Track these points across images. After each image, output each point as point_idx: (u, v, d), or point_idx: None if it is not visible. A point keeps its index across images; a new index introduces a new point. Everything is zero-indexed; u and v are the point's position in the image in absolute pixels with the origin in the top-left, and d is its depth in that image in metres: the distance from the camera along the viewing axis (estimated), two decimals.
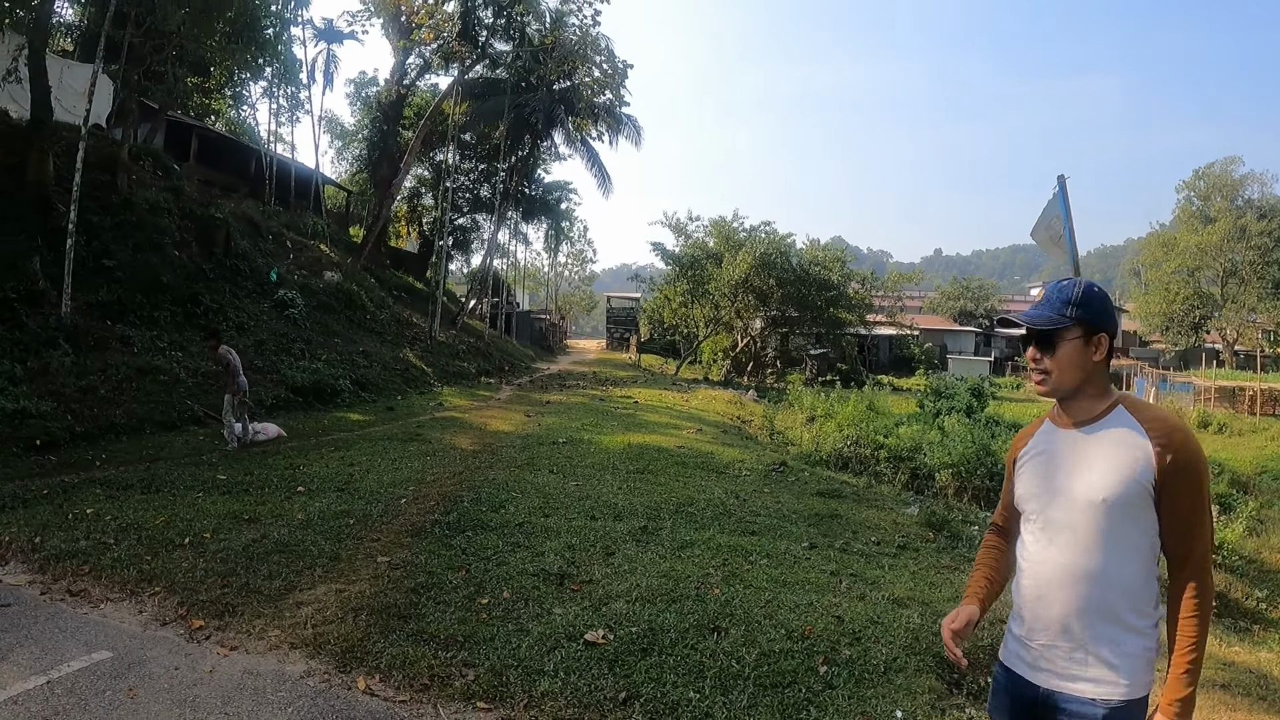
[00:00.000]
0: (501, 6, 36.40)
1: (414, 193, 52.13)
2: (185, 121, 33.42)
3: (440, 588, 6.56)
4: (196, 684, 4.94)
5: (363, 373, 21.89)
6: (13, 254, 15.94)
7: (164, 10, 19.75)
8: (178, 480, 10.47)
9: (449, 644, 5.43)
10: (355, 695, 4.81)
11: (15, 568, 6.95)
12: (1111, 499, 2.32)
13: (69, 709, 4.61)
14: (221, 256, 22.98)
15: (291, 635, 5.60)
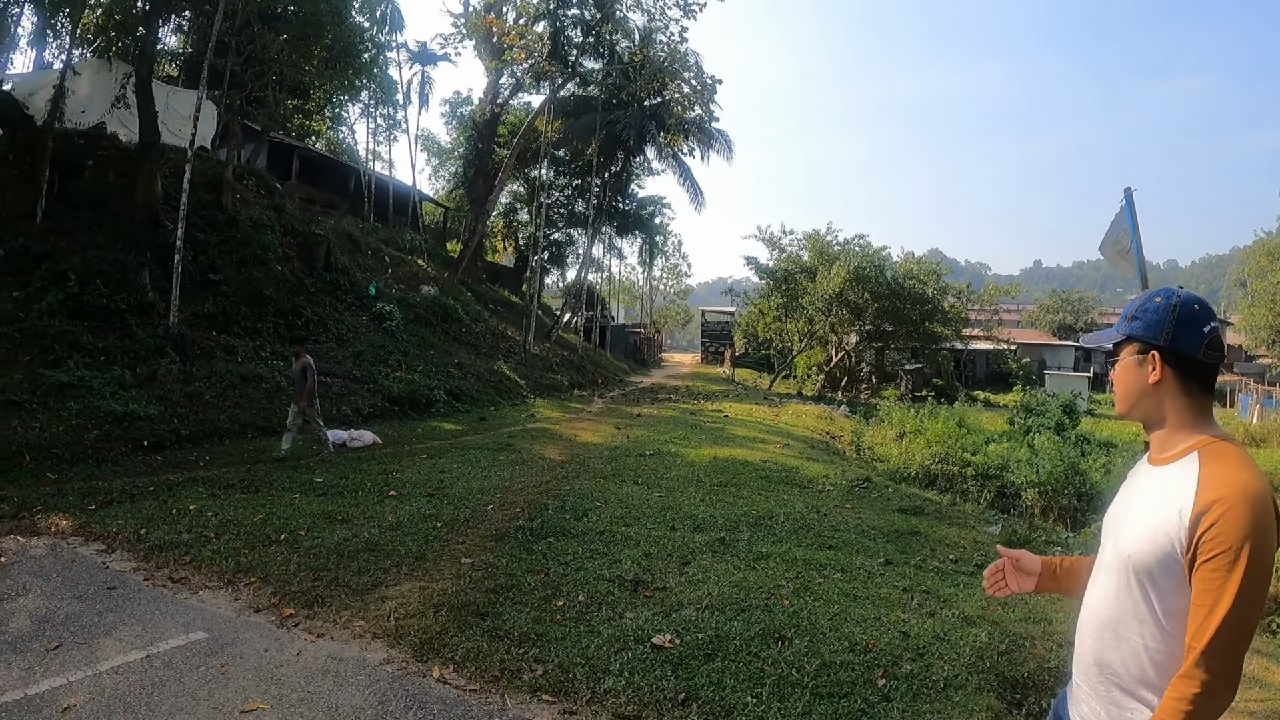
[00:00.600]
0: (590, 26, 36.92)
1: (510, 208, 53.17)
2: (287, 142, 34.85)
3: (518, 589, 6.83)
4: (283, 665, 5.35)
5: (457, 384, 22.40)
6: (124, 268, 17.02)
7: (262, 39, 20.90)
8: (276, 481, 11.07)
9: (522, 641, 5.70)
10: (429, 683, 5.13)
11: (121, 556, 7.55)
12: (1134, 556, 2.05)
13: (164, 680, 5.07)
14: (322, 271, 23.94)
15: (374, 626, 5.98)
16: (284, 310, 20.44)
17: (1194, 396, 2.12)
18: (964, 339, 49.48)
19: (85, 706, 4.71)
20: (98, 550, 7.71)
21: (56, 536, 8.13)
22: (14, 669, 5.12)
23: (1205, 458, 2.03)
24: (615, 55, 38.78)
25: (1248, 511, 1.88)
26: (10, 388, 12.95)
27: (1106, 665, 2.13)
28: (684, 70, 37.70)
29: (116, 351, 15.24)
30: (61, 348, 14.55)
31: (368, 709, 4.80)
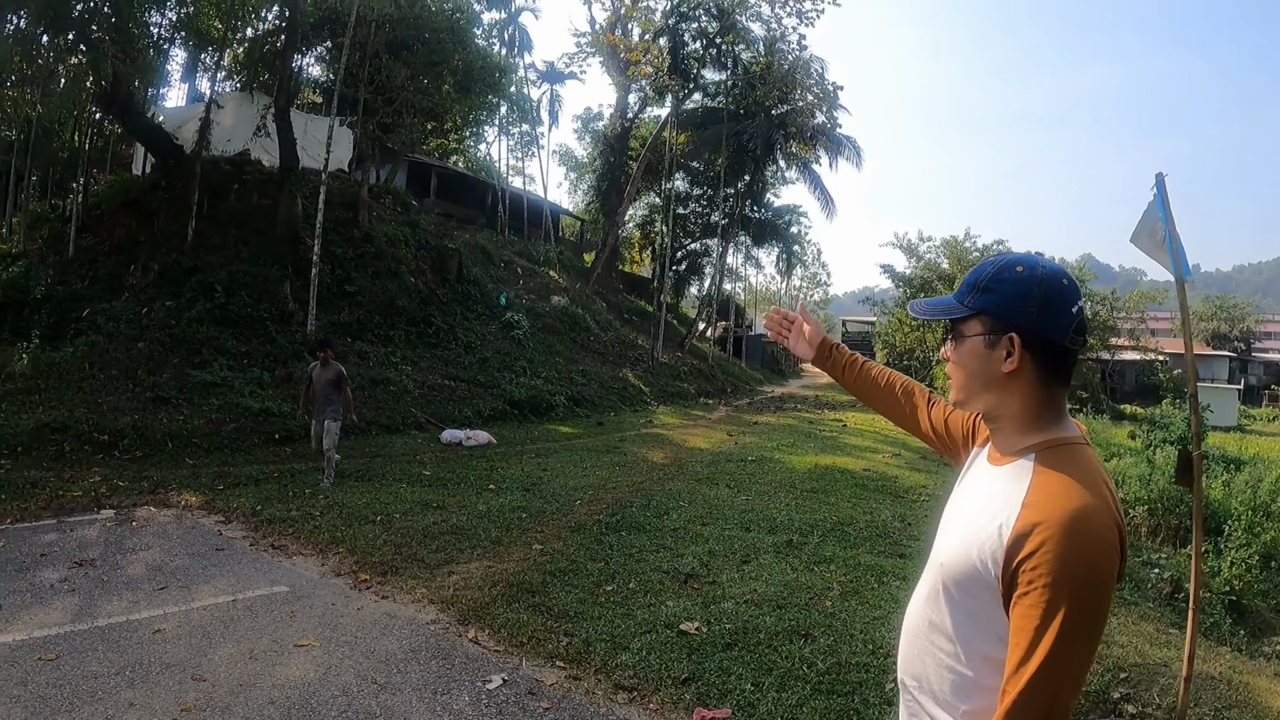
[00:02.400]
0: (710, 38, 37.39)
1: (646, 220, 54.01)
2: (425, 161, 36.63)
3: (575, 573, 7.47)
4: (343, 616, 6.37)
5: (579, 390, 23.15)
6: (267, 280, 18.87)
7: (390, 69, 22.34)
8: (388, 473, 12.25)
9: (560, 617, 6.34)
10: (461, 641, 5.91)
11: (236, 526, 9.03)
12: (946, 566, 1.77)
13: (240, 617, 6.28)
14: (454, 282, 25.28)
15: (433, 594, 6.86)
16: (415, 319, 21.81)
17: (1050, 389, 1.76)
18: (1111, 349, 47.49)
19: (172, 631, 5.95)
20: (216, 521, 9.17)
21: (184, 509, 9.63)
22: (123, 601, 6.56)
23: (1041, 463, 1.70)
24: (738, 65, 39.11)
25: (1075, 542, 1.54)
26: (160, 385, 14.77)
27: (919, 674, 1.86)
28: (806, 78, 37.60)
29: (258, 355, 16.95)
30: (208, 351, 16.38)
31: (399, 653, 5.65)
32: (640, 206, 52.43)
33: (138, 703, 4.80)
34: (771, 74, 36.63)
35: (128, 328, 16.66)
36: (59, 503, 9.67)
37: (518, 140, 46.31)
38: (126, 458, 12.18)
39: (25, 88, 21.32)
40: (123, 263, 19.65)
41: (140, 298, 18.04)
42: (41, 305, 17.74)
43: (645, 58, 36.92)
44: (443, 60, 24.24)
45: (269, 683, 5.12)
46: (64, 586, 6.86)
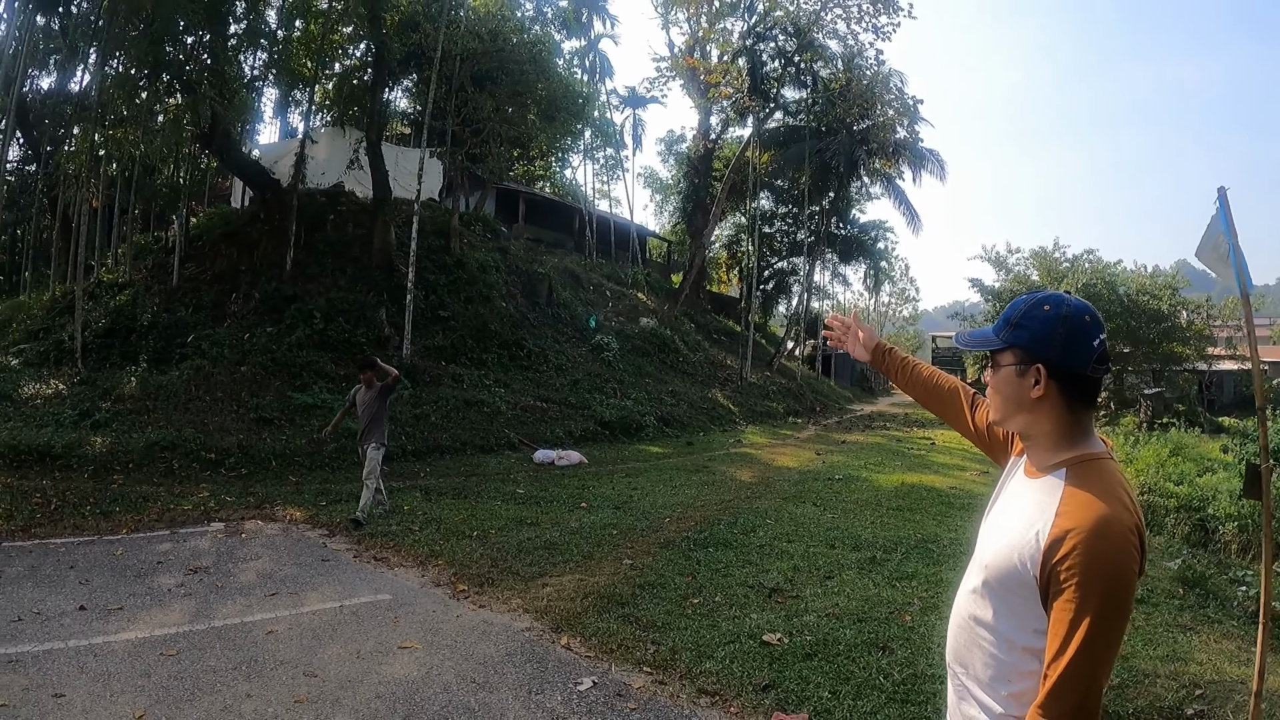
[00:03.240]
0: (789, 57, 37.41)
1: (733, 240, 54.12)
2: (513, 188, 37.54)
3: (663, 587, 7.69)
4: (443, 622, 6.76)
5: (669, 410, 23.37)
6: (363, 306, 19.74)
7: (476, 102, 23.05)
8: (483, 491, 12.73)
9: (648, 627, 6.57)
10: (554, 647, 6.19)
11: (340, 540, 9.64)
12: (991, 567, 1.99)
13: (347, 621, 6.76)
14: (544, 306, 25.90)
15: (528, 604, 7.18)
16: (507, 342, 22.43)
17: (1076, 412, 1.99)
18: (1207, 359, 45.66)
19: (284, 631, 6.44)
20: (321, 535, 9.79)
21: (289, 523, 10.26)
22: (237, 604, 7.13)
23: (1072, 477, 1.93)
24: (818, 83, 39.05)
25: (1102, 544, 1.78)
26: (263, 407, 15.64)
27: (964, 661, 2.10)
28: (885, 92, 37.28)
29: (355, 378, 17.36)
30: (308, 375, 17.27)
31: (495, 656, 5.98)
32: (726, 226, 52.63)
33: (254, 694, 5.20)
34: (851, 90, 36.42)
35: (231, 352, 17.64)
36: (171, 515, 10.46)
37: (603, 164, 46.90)
38: (232, 475, 12.96)
39: (128, 127, 22.59)
40: (225, 291, 20.74)
41: (242, 324, 19.06)
42: (149, 331, 18.86)
43: (725, 79, 37.23)
44: (527, 90, 24.97)
45: (375, 679, 5.48)
46: (180, 591, 7.47)
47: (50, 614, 6.68)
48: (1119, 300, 41.00)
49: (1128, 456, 21.82)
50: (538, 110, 26.39)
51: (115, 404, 15.24)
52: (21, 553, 8.61)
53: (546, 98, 25.94)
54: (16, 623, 6.46)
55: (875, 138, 37.69)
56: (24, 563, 8.19)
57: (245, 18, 22.34)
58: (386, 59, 22.86)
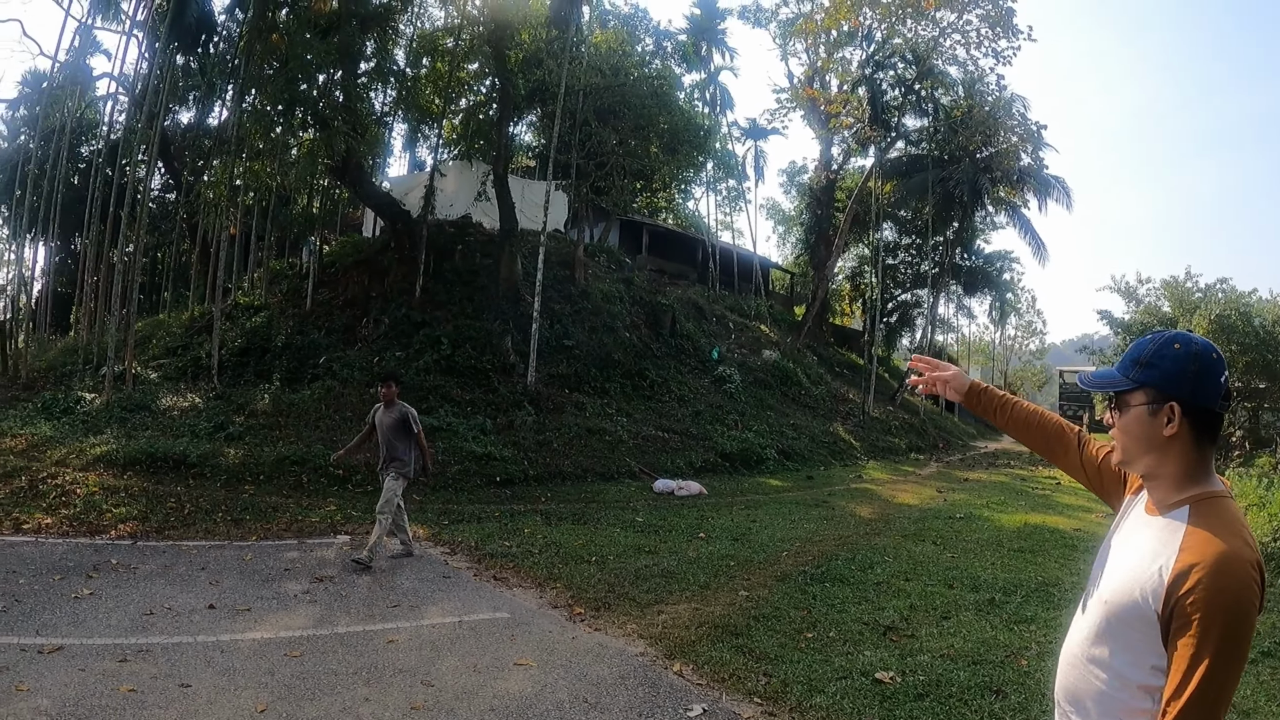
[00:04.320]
0: (908, 85, 37.01)
1: (856, 271, 53.49)
2: (636, 220, 38.01)
3: (778, 619, 7.60)
4: (559, 642, 6.85)
5: (790, 443, 23.11)
6: (489, 334, 20.25)
7: (600, 136, 23.45)
8: (602, 518, 12.85)
9: (761, 658, 6.50)
10: (667, 673, 6.20)
11: (461, 558, 9.96)
12: (1111, 603, 1.98)
13: (465, 636, 6.97)
14: (668, 337, 26.04)
15: (643, 630, 7.21)
16: (630, 373, 22.65)
17: (1202, 449, 2.00)
18: None
19: (404, 642, 6.68)
20: (442, 552, 10.14)
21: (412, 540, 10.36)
22: (360, 613, 7.47)
23: (1195, 514, 1.94)
24: (939, 110, 38.48)
25: (1224, 579, 1.79)
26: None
27: (1075, 699, 2.08)
28: (1008, 118, 36.43)
29: (481, 403, 18.12)
30: (434, 398, 17.70)
31: (609, 678, 6.02)
32: (849, 258, 52.09)
33: (372, 699, 5.39)
34: (973, 117, 35.73)
35: (360, 374, 18.32)
36: (298, 526, 11.07)
37: (725, 196, 47.03)
38: (358, 491, 13.42)
39: (264, 160, 23.76)
40: (356, 315, 21.57)
41: (372, 348, 19.79)
42: (282, 352, 19.75)
43: (845, 109, 37.07)
44: (649, 123, 25.37)
45: (490, 693, 5.60)
46: (306, 597, 7.87)
47: (181, 610, 7.17)
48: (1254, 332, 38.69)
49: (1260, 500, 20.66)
50: (660, 143, 26.77)
51: (248, 419, 16.08)
52: (155, 552, 9.28)
53: (669, 130, 26.31)
54: (148, 615, 6.94)
55: (999, 165, 36.84)
56: (157, 561, 8.82)
57: (375, 57, 23.46)
58: (511, 95, 23.53)
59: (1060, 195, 39.11)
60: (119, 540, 9.82)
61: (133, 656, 5.96)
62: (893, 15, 33.50)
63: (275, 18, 21.30)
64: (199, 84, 27.09)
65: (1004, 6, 31.46)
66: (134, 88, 26.29)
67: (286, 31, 20.54)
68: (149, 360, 21.48)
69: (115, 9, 25.39)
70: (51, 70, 26.71)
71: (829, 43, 40.65)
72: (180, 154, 31.96)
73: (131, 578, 8.16)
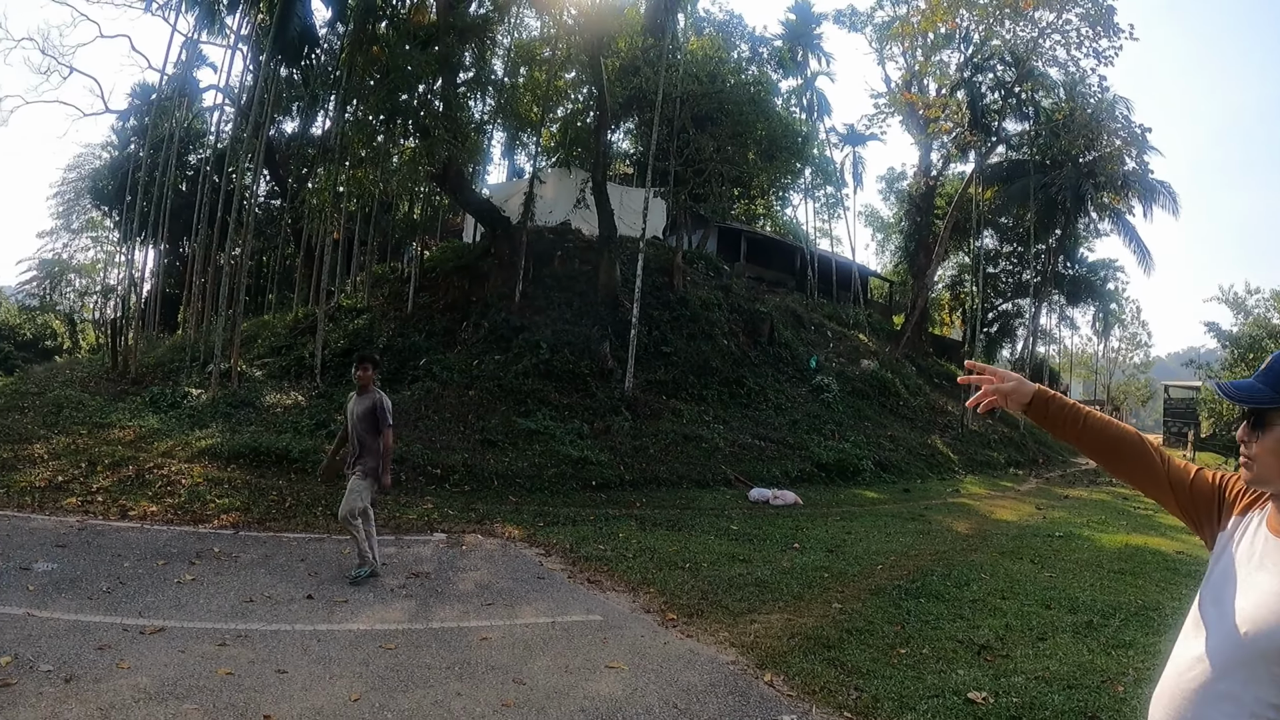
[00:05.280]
0: (1008, 88, 36.00)
1: (955, 280, 52.47)
2: (734, 227, 37.91)
3: (871, 634, 7.48)
4: (650, 647, 6.89)
5: (887, 455, 22.72)
6: (588, 340, 20.45)
7: (697, 142, 23.48)
8: (696, 525, 12.80)
9: (852, 672, 6.40)
10: (758, 683, 6.16)
11: (554, 560, 10.08)
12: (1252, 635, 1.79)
13: (558, 636, 7.04)
14: (766, 345, 25.90)
15: (734, 638, 7.17)
16: (728, 380, 22.61)
17: None
18: None
19: (497, 640, 6.80)
20: (537, 553, 10.27)
21: (508, 540, 10.84)
22: (454, 610, 7.68)
23: None
24: (1040, 114, 37.26)
25: None
26: (489, 430, 16.44)
27: None
28: (1110, 121, 34.88)
29: (578, 408, 18.33)
30: (532, 402, 17.97)
31: (699, 685, 6.01)
32: (949, 266, 51.17)
33: (464, 694, 5.49)
34: (1074, 120, 34.26)
35: (460, 377, 18.68)
36: (396, 522, 11.35)
37: (823, 203, 46.59)
38: (456, 490, 13.73)
39: (366, 167, 24.41)
40: (456, 319, 22.02)
41: (472, 351, 20.15)
42: (383, 353, 20.25)
43: (944, 113, 36.23)
44: (746, 130, 25.32)
45: (580, 694, 5.65)
46: (402, 592, 8.07)
47: (280, 599, 7.47)
48: None
49: None
50: (758, 150, 26.71)
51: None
52: (256, 542, 9.67)
53: (766, 137, 26.21)
54: (248, 603, 7.23)
55: (1102, 170, 35.30)
56: (258, 551, 9.19)
57: (474, 67, 23.97)
58: (609, 103, 23.70)
59: (1166, 201, 37.37)
60: (221, 530, 10.25)
61: (232, 641, 6.21)
62: (990, 16, 32.61)
63: (375, 30, 22.01)
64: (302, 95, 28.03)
65: (1104, 4, 30.23)
66: (239, 99, 27.50)
67: (386, 43, 21.22)
68: (254, 359, 22.24)
69: (220, 24, 26.51)
70: (160, 83, 27.91)
71: (926, 46, 40.00)
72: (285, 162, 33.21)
73: (232, 566, 8.50)
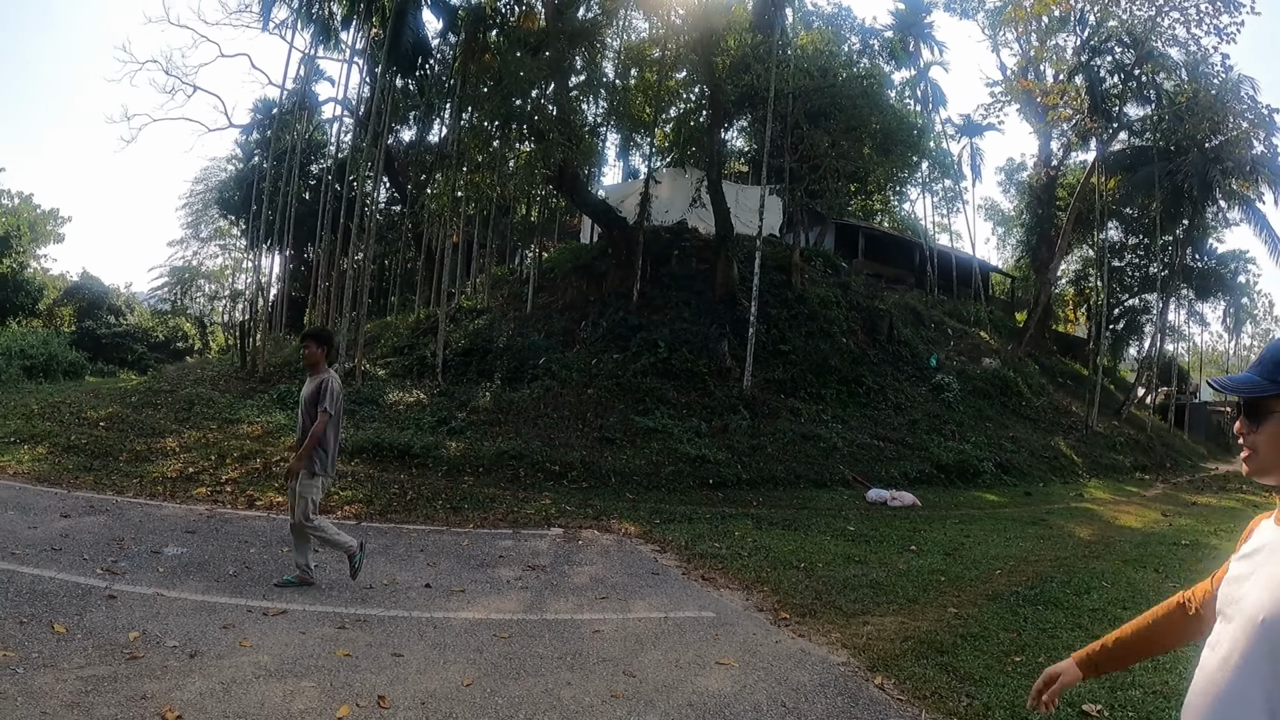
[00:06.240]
0: (1127, 70, 34.47)
1: (1079, 275, 50.57)
2: (852, 224, 37.51)
3: (986, 639, 7.32)
4: (761, 645, 6.88)
5: (1008, 457, 22.15)
6: (706, 339, 20.60)
7: (811, 138, 23.27)
8: (813, 525, 12.78)
9: (965, 679, 6.27)
10: (868, 686, 6.08)
11: (669, 556, 10.22)
12: (1268, 622, 1.79)
13: (669, 631, 7.10)
14: (885, 343, 25.58)
15: (846, 639, 7.11)
16: (846, 379, 22.42)
17: None
18: None
19: (610, 633, 6.90)
20: (652, 550, 10.43)
21: (623, 536, 11.03)
22: (569, 603, 7.88)
23: None
24: (1162, 97, 35.35)
25: None
26: (607, 428, 16.77)
27: None
28: (1236, 102, 33.01)
29: (695, 406, 18.51)
30: (650, 400, 18.27)
31: (808, 685, 5.97)
32: (1073, 260, 49.20)
33: (574, 684, 5.60)
34: (1198, 102, 32.51)
35: (578, 375, 19.06)
36: (514, 517, 11.70)
37: (941, 197, 45.61)
38: (573, 487, 14.04)
39: (483, 172, 24.95)
40: (574, 319, 22.40)
41: (590, 350, 20.49)
42: (503, 353, 20.72)
43: (1062, 100, 34.90)
44: (861, 124, 24.96)
45: (689, 688, 5.69)
46: (518, 584, 8.30)
47: (399, 586, 7.77)
48: None
49: None
50: (873, 144, 26.28)
51: (470, 415, 17.03)
52: (378, 533, 10.08)
53: (881, 130, 25.80)
54: (368, 589, 7.54)
55: (1229, 155, 33.22)
56: (379, 541, 9.53)
57: (585, 70, 24.24)
58: (721, 101, 23.78)
59: None
60: (345, 520, 10.66)
61: (351, 625, 6.50)
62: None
63: (486, 38, 22.56)
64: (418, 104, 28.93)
65: None
66: (357, 110, 28.57)
67: (498, 51, 21.78)
68: (377, 359, 23.02)
69: (335, 39, 27.42)
70: (280, 97, 29.31)
71: (1040, 29, 38.59)
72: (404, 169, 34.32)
73: None
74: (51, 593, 6.58)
